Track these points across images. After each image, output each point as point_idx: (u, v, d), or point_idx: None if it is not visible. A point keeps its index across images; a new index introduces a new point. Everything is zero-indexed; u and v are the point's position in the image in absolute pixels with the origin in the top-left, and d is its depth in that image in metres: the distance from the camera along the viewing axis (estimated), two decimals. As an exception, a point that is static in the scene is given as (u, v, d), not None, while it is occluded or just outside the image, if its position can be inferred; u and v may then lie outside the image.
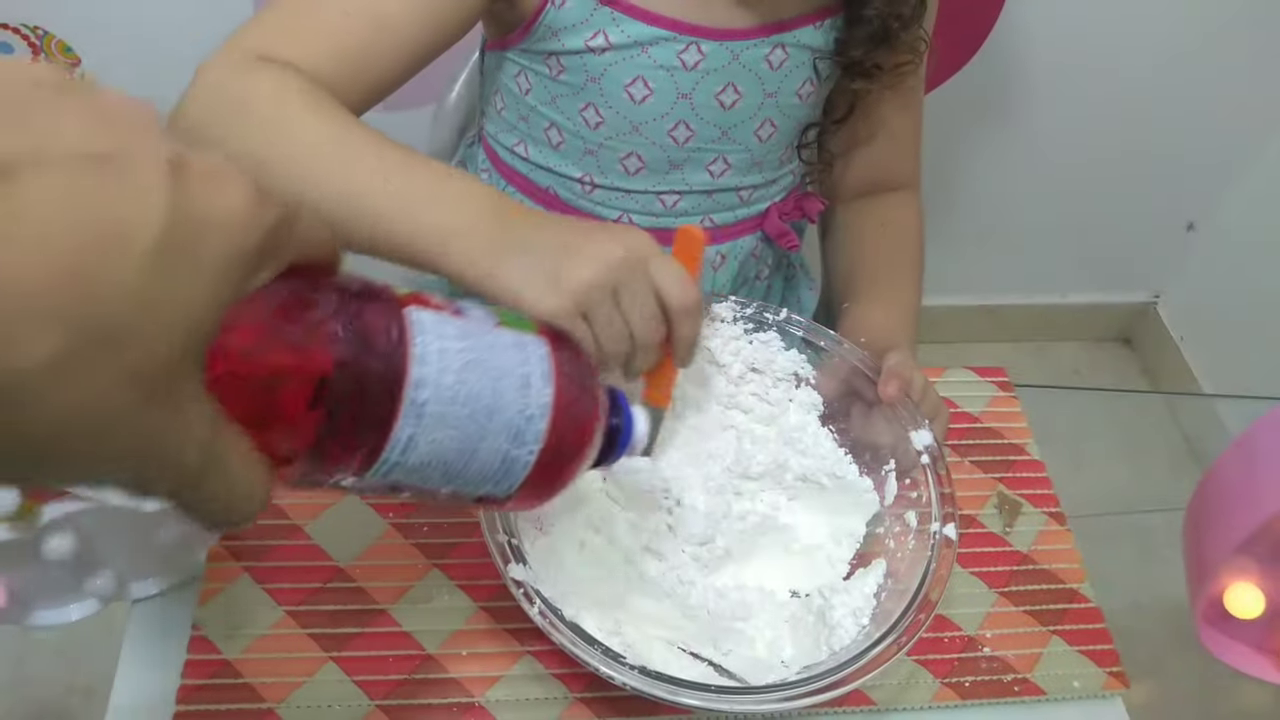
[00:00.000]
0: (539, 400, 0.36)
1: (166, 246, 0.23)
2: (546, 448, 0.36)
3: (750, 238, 0.79)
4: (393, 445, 0.32)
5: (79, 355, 0.22)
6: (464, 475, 0.35)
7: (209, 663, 0.54)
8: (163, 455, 0.25)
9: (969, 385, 0.75)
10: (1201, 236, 1.62)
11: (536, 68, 0.70)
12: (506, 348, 0.36)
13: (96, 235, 0.22)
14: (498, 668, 0.56)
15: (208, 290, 0.25)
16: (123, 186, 0.23)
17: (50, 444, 0.23)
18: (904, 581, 0.54)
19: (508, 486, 0.37)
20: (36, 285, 0.21)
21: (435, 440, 0.33)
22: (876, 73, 0.73)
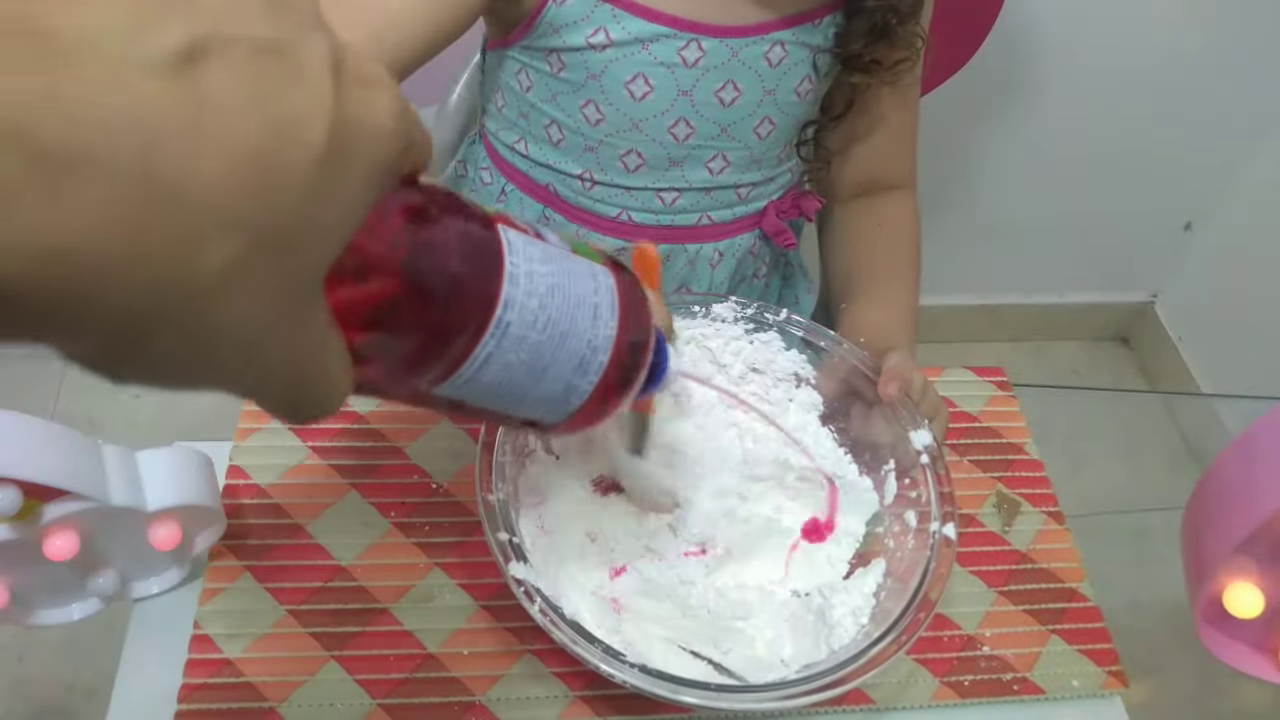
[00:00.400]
0: (605, 332, 0.36)
1: (331, 147, 0.22)
2: (605, 378, 0.37)
3: (748, 235, 0.80)
4: (473, 360, 0.32)
5: (254, 259, 0.21)
6: (526, 399, 0.35)
7: (211, 662, 0.55)
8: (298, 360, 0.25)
9: (968, 385, 0.76)
10: (1199, 236, 1.63)
11: (537, 65, 0.70)
12: (582, 276, 0.36)
13: (276, 130, 0.21)
14: (499, 667, 0.56)
15: (358, 197, 0.24)
16: (297, 79, 0.22)
17: (213, 345, 0.22)
18: (903, 581, 0.54)
19: (562, 413, 0.37)
20: (220, 184, 0.20)
21: (510, 362, 0.33)
22: (875, 68, 0.73)
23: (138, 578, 0.57)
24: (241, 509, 0.61)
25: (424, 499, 0.62)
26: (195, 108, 0.20)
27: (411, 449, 0.65)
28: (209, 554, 0.58)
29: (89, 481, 0.48)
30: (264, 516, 0.61)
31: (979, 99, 1.38)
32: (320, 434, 0.65)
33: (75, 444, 0.49)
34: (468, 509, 0.62)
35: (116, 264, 0.20)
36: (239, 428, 0.65)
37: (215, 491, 0.56)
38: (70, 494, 0.48)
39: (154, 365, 0.22)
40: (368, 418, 0.66)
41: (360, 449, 0.64)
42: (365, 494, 0.62)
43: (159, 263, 0.20)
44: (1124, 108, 1.43)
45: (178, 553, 0.56)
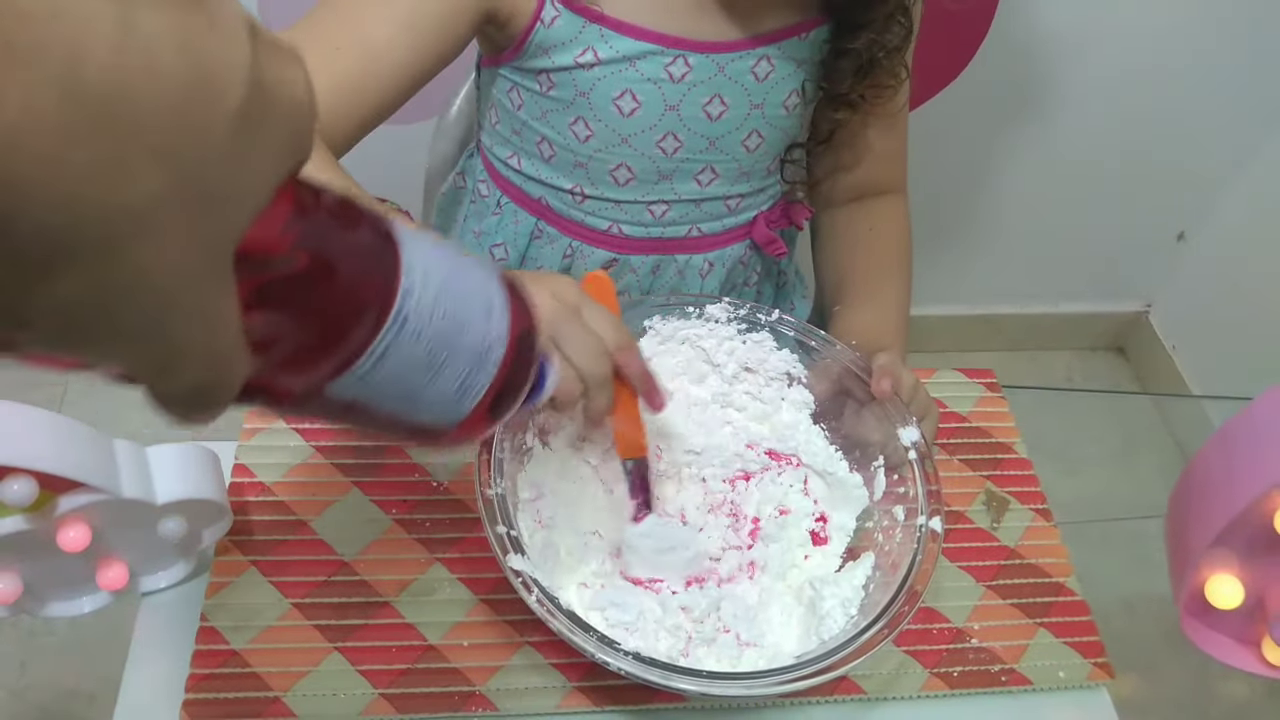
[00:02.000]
0: (499, 328, 0.36)
1: (249, 108, 0.22)
2: (499, 377, 0.36)
3: (738, 246, 0.81)
4: (371, 352, 0.31)
5: (176, 204, 0.21)
6: (422, 398, 0.35)
7: (217, 653, 0.56)
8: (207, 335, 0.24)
9: (958, 386, 0.77)
10: (1192, 246, 1.64)
11: (527, 84, 0.72)
12: (474, 270, 0.36)
13: (199, 77, 0.21)
14: (498, 658, 0.57)
15: (271, 167, 0.24)
16: (219, 34, 0.22)
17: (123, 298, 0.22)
18: (891, 573, 0.56)
19: (455, 416, 0.36)
20: (149, 110, 0.20)
21: (407, 356, 0.32)
22: (859, 102, 0.75)
23: (146, 571, 0.58)
24: (247, 506, 0.62)
25: (425, 496, 0.64)
26: (126, 29, 0.20)
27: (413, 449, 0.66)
28: (215, 549, 0.60)
29: (101, 473, 0.50)
30: (269, 513, 0.62)
31: (973, 110, 1.40)
32: (324, 433, 0.66)
33: (88, 437, 0.51)
34: (467, 506, 0.64)
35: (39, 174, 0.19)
36: (244, 427, 0.66)
37: (222, 487, 0.57)
38: (83, 486, 0.49)
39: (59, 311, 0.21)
40: (370, 417, 0.67)
41: (362, 448, 0.66)
42: (367, 491, 0.64)
43: (82, 182, 0.20)
44: (1117, 118, 1.44)
45: (185, 546, 0.57)
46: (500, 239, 0.81)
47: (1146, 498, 1.53)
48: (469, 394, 0.36)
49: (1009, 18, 1.29)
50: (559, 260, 0.79)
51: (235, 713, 0.54)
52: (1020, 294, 1.70)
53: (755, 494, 0.63)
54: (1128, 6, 1.31)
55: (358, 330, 0.31)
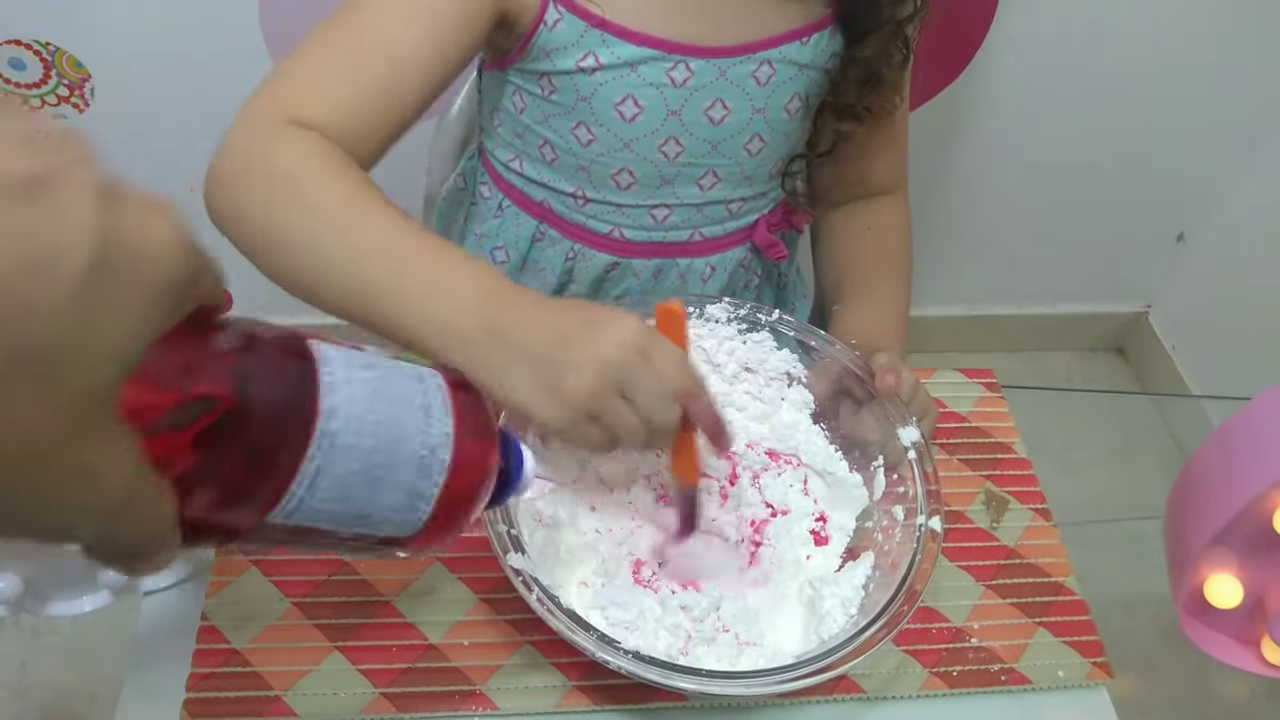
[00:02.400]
0: (440, 430, 0.35)
1: (98, 271, 0.23)
2: (450, 481, 0.36)
3: (739, 249, 0.81)
4: (302, 477, 0.31)
5: (13, 379, 0.22)
6: (372, 513, 0.34)
7: (218, 652, 0.56)
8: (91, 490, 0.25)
9: (957, 386, 0.77)
10: (1192, 247, 1.64)
11: (530, 88, 0.72)
12: (406, 377, 0.35)
13: (26, 258, 0.22)
14: (498, 657, 0.58)
15: (138, 319, 0.25)
16: (51, 210, 0.23)
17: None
18: (891, 573, 0.56)
19: (414, 523, 0.36)
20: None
21: (343, 475, 0.32)
22: (865, 114, 0.75)
23: (147, 571, 0.58)
24: (248, 505, 0.62)
25: (426, 496, 0.64)
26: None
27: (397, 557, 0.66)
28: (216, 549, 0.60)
29: (102, 474, 0.50)
30: (270, 512, 0.62)
31: (969, 111, 1.40)
32: (325, 433, 0.66)
33: (89, 437, 0.51)
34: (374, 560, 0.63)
35: None
36: (246, 427, 0.66)
37: (223, 486, 0.57)
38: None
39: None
40: (371, 417, 0.68)
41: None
42: (368, 491, 0.64)
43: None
44: (1116, 120, 1.44)
45: (186, 546, 0.57)
46: (502, 241, 0.81)
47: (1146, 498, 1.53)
48: (422, 500, 0.35)
49: (1009, 18, 1.30)
50: (561, 263, 0.79)
51: (236, 712, 0.54)
52: (1020, 294, 1.70)
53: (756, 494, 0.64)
54: (1127, 7, 1.31)
55: (284, 458, 0.31)
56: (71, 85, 1.21)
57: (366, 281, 0.54)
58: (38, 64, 1.18)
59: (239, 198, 0.57)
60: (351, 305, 0.55)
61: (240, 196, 0.57)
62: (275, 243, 0.56)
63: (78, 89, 1.21)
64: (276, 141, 0.57)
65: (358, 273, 0.54)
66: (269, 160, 0.57)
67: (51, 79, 1.20)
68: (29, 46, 1.17)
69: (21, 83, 1.20)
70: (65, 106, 1.23)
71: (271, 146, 0.57)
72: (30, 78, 1.19)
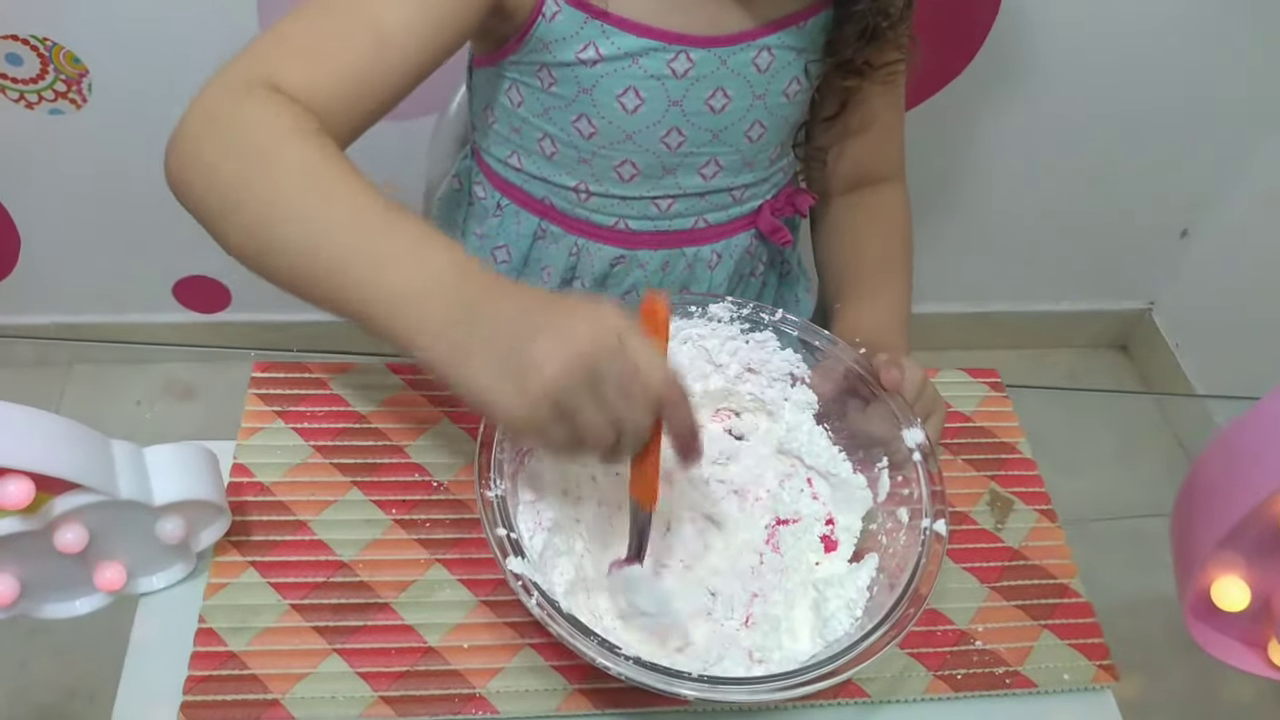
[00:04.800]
0: None
1: None
2: None
3: (744, 235, 0.81)
4: None
5: None
6: None
7: (215, 654, 0.56)
8: None
9: (962, 385, 0.77)
10: (1195, 244, 1.64)
11: (528, 81, 0.71)
12: None
13: None
14: (498, 660, 0.57)
15: None
16: None
17: None
18: (896, 576, 0.55)
19: None
20: None
21: None
22: (866, 69, 0.75)
23: (143, 572, 0.58)
24: (245, 506, 0.62)
25: (425, 496, 0.63)
26: None
27: (413, 448, 0.66)
28: (213, 549, 0.59)
29: (98, 475, 0.50)
30: (267, 513, 0.62)
31: (973, 106, 1.39)
32: (323, 433, 0.66)
33: (85, 438, 0.50)
34: (468, 506, 0.63)
35: None
36: (243, 427, 0.66)
37: (220, 487, 0.57)
38: (80, 487, 0.49)
39: None
40: (369, 417, 0.67)
41: (362, 448, 0.65)
42: (367, 491, 0.63)
43: None
44: (1119, 115, 1.44)
45: (183, 547, 0.57)
46: (502, 241, 0.80)
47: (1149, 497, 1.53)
48: None
49: (1012, 14, 1.29)
50: (564, 259, 0.78)
51: (234, 715, 0.53)
52: (1022, 291, 1.69)
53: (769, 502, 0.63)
54: (1131, 4, 1.30)
55: None
56: (69, 81, 1.20)
57: (324, 254, 0.51)
58: (34, 59, 1.17)
59: (198, 157, 0.55)
60: (306, 279, 0.52)
61: (200, 156, 0.55)
62: (231, 205, 0.53)
63: (75, 84, 1.20)
64: (246, 103, 0.55)
65: (316, 244, 0.52)
66: (237, 124, 0.55)
67: (48, 74, 1.19)
68: (25, 41, 1.16)
69: (18, 78, 1.19)
70: (62, 102, 1.22)
71: (241, 107, 0.55)
72: (27, 73, 1.19)
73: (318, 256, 0.52)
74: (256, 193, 0.53)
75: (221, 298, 1.49)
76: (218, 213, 0.54)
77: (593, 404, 0.47)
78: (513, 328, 0.48)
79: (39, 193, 1.33)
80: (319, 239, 0.52)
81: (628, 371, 0.47)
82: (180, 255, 1.41)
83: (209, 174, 0.55)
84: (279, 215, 0.53)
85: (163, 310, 1.49)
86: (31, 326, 1.49)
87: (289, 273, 0.53)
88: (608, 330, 0.47)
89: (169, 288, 1.47)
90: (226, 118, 0.55)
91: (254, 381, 0.68)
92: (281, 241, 0.53)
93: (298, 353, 0.71)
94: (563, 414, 0.47)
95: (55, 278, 1.43)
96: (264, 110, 0.55)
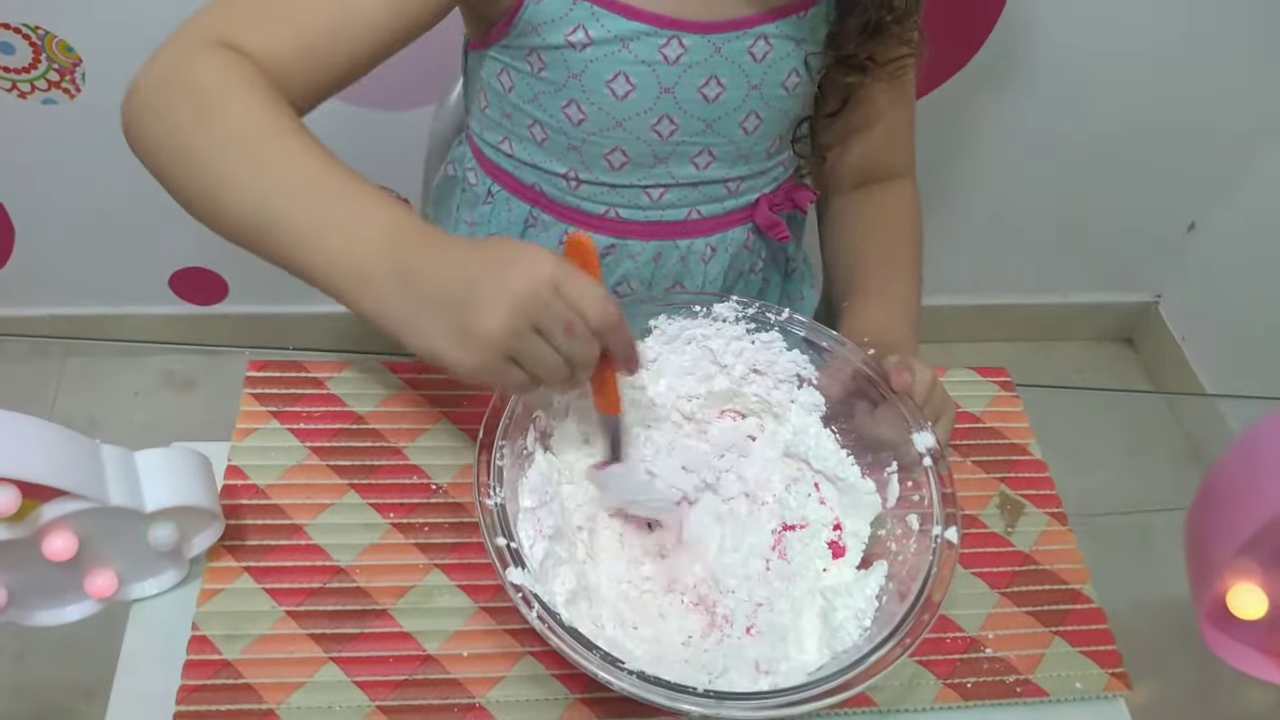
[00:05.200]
0: None
1: None
2: None
3: (740, 229, 0.79)
4: None
5: None
6: None
7: (209, 663, 0.54)
8: None
9: (971, 385, 0.75)
10: (1203, 236, 1.62)
11: (518, 65, 0.70)
12: None
13: None
14: (498, 669, 0.56)
15: None
16: None
17: None
18: (906, 584, 0.54)
19: None
20: None
21: None
22: (870, 65, 0.73)
23: (135, 578, 0.57)
24: (240, 509, 0.60)
25: (423, 499, 0.62)
26: None
27: (411, 449, 0.64)
28: (207, 554, 0.58)
29: (87, 482, 0.48)
30: (262, 517, 0.60)
31: (981, 98, 1.38)
32: (319, 434, 0.64)
33: (74, 444, 0.49)
34: (467, 509, 0.62)
35: None
36: (238, 428, 0.64)
37: (214, 493, 0.55)
38: (68, 494, 0.48)
39: None
40: (366, 418, 0.66)
41: (359, 449, 0.64)
42: (364, 494, 0.62)
43: None
44: (1128, 107, 1.42)
45: (175, 554, 0.56)
46: (494, 228, 0.79)
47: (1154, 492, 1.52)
48: None
49: (1019, 5, 1.27)
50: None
51: (227, 726, 0.52)
52: (1028, 284, 1.67)
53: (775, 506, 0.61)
54: (1141, -6, 1.28)
55: None
56: (61, 70, 1.18)
57: (272, 214, 0.53)
58: (26, 48, 1.15)
59: (152, 111, 0.55)
60: (254, 237, 0.54)
61: (154, 110, 0.55)
62: (181, 160, 0.55)
63: (68, 74, 1.19)
64: (202, 59, 0.56)
65: (264, 203, 0.53)
66: (191, 76, 0.55)
67: (41, 64, 1.17)
68: (17, 30, 1.14)
69: (10, 67, 1.17)
70: (55, 92, 1.20)
71: (196, 63, 0.56)
72: (19, 62, 1.17)
73: (266, 224, 0.53)
74: (204, 155, 0.54)
75: (219, 289, 1.48)
76: (167, 168, 0.55)
77: (540, 345, 0.49)
78: (451, 283, 0.49)
79: (33, 184, 1.31)
80: (265, 204, 0.53)
81: (567, 309, 0.49)
82: (176, 247, 1.40)
83: (158, 132, 0.55)
84: (227, 178, 0.54)
85: (159, 302, 1.48)
86: (27, 319, 1.47)
87: (239, 234, 0.55)
88: (542, 272, 0.49)
89: (165, 279, 1.45)
90: (180, 71, 0.56)
91: (249, 381, 0.67)
92: (230, 202, 0.54)
93: (294, 351, 0.70)
94: (513, 358, 0.49)
95: (50, 270, 1.42)
96: (217, 70, 0.55)
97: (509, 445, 0.54)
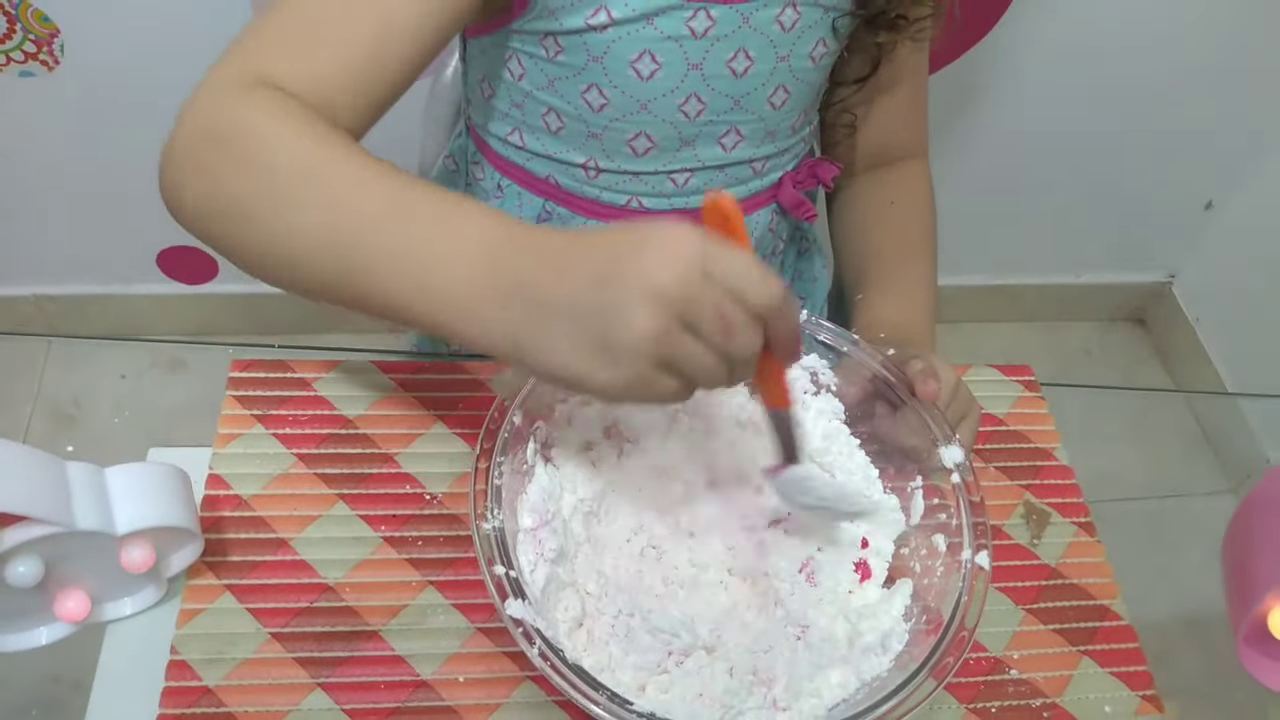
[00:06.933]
0: None
1: None
2: None
3: (764, 211, 0.75)
4: None
5: None
6: None
7: (189, 690, 0.51)
8: None
9: (994, 385, 0.72)
10: (1220, 215, 1.58)
11: (530, 50, 0.65)
12: None
13: None
14: (496, 694, 0.53)
15: None
16: None
17: None
18: (933, 611, 0.51)
19: None
20: None
21: None
22: (901, 23, 0.69)
23: (109, 599, 0.53)
24: (221, 522, 0.57)
25: (417, 511, 0.59)
26: None
27: (403, 456, 0.61)
28: (187, 572, 0.55)
29: (52, 506, 0.45)
30: (246, 530, 0.57)
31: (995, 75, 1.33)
32: (306, 440, 0.61)
33: (38, 466, 0.45)
34: (463, 522, 0.58)
35: None
36: (219, 433, 0.61)
37: (192, 511, 0.52)
38: (30, 520, 0.44)
39: None
40: (356, 422, 0.62)
41: (349, 456, 0.60)
42: (354, 505, 0.58)
43: None
44: (1145, 83, 1.38)
45: (152, 573, 0.52)
46: None
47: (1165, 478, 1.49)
48: None
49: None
50: None
51: (208, 760, 0.49)
52: (1040, 264, 1.64)
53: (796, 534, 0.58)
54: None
55: None
56: (39, 41, 1.13)
57: (344, 251, 0.47)
58: (0, 18, 1.10)
59: (193, 166, 0.50)
60: (331, 283, 0.48)
61: (195, 165, 0.50)
62: (238, 221, 0.49)
63: (45, 45, 1.13)
64: (243, 107, 0.50)
65: (332, 241, 0.47)
66: (233, 129, 0.49)
67: (16, 34, 1.12)
68: (-8, 0, 1.09)
69: (-16, 38, 1.12)
70: (33, 64, 1.15)
71: (237, 113, 0.50)
72: (-6, 33, 1.12)
73: (340, 264, 0.47)
74: (256, 202, 0.48)
75: (208, 269, 1.44)
76: (220, 230, 0.50)
77: (696, 344, 0.41)
78: (578, 287, 0.42)
79: (12, 160, 1.27)
80: (333, 242, 0.47)
81: (722, 295, 0.41)
82: (163, 224, 1.32)
83: (210, 190, 0.50)
84: (285, 221, 0.48)
85: (146, 281, 1.44)
86: (9, 299, 1.43)
87: (314, 283, 0.49)
88: (687, 253, 0.41)
89: (152, 258, 1.41)
90: (223, 127, 0.50)
91: (231, 382, 0.63)
92: (293, 248, 0.48)
93: (279, 349, 0.66)
94: (666, 367, 0.42)
95: (33, 248, 1.38)
96: (264, 114, 0.49)
97: (508, 462, 0.50)
